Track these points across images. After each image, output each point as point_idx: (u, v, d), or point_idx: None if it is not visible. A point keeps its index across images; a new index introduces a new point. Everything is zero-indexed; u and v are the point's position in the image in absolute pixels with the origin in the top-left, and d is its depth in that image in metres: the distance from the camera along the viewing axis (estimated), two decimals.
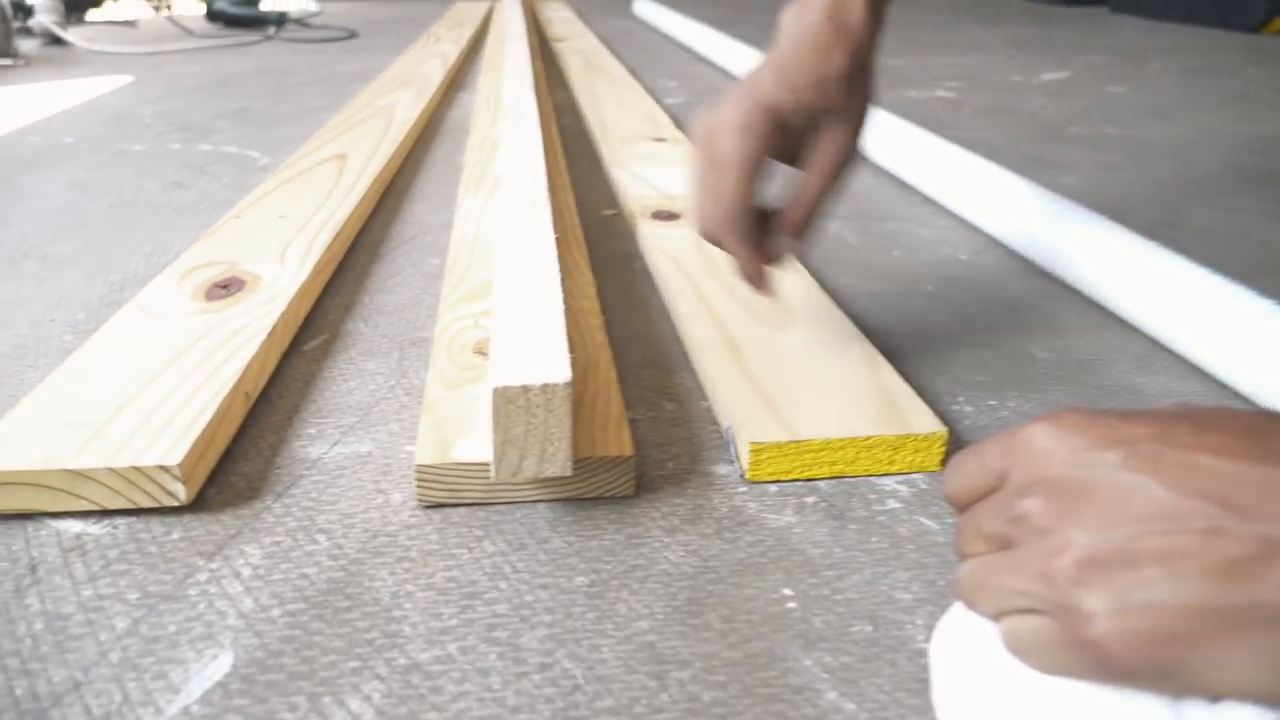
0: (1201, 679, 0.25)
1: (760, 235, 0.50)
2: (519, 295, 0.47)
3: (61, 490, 0.42)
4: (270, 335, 0.54)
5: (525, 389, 0.39)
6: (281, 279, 0.62)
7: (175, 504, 0.43)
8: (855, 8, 0.48)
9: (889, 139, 1.00)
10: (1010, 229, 0.76)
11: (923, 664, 0.35)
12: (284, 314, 0.57)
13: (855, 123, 0.50)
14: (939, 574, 0.40)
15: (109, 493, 0.42)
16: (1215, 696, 0.26)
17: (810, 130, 0.49)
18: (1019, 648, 0.28)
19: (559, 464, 0.40)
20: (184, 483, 0.42)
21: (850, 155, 0.51)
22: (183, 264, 0.65)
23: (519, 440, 0.40)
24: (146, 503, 0.42)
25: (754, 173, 0.49)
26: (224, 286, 0.61)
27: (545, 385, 0.39)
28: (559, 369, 0.40)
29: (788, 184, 0.52)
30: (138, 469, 0.42)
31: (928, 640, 0.36)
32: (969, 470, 0.31)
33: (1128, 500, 0.26)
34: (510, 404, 0.39)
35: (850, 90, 0.49)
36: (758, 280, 0.51)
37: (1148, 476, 0.26)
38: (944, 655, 0.32)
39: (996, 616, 0.29)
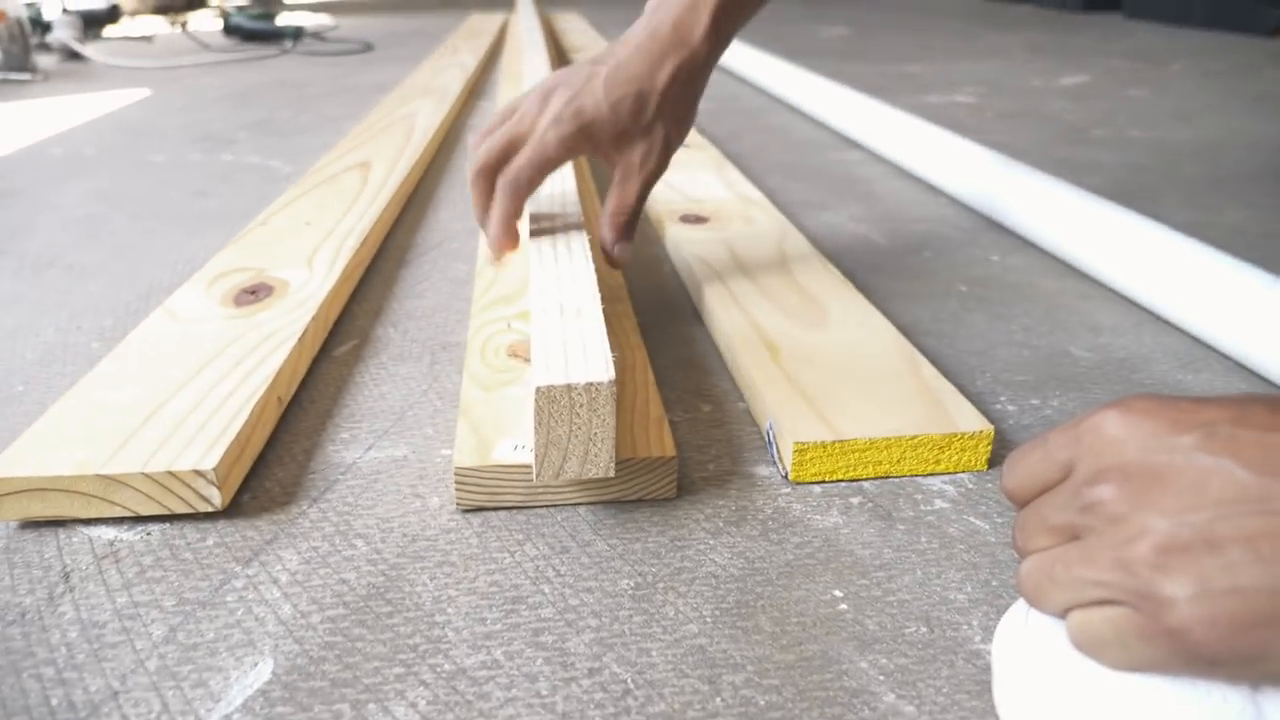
0: None
1: (519, 211, 0.54)
2: (557, 296, 0.46)
3: (95, 496, 0.41)
4: (301, 340, 0.54)
5: (569, 388, 0.38)
6: (310, 284, 0.62)
7: (210, 509, 0.42)
8: (700, 22, 0.52)
9: (912, 141, 1.00)
10: (1041, 228, 0.75)
11: (981, 665, 0.34)
12: (314, 318, 0.57)
13: (665, 141, 0.54)
14: (992, 574, 0.39)
15: (143, 498, 0.41)
16: None
17: (623, 138, 0.53)
18: (1090, 642, 0.27)
19: (602, 465, 0.39)
20: (219, 488, 0.41)
21: (656, 168, 0.55)
22: (210, 270, 0.64)
23: (562, 441, 0.39)
24: (181, 508, 0.42)
25: (548, 168, 0.53)
26: (252, 292, 0.60)
27: (589, 384, 0.38)
28: (602, 367, 0.39)
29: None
30: (172, 474, 0.41)
31: (985, 641, 0.35)
32: (1032, 461, 0.30)
33: (1207, 483, 0.25)
34: (553, 404, 0.38)
35: (667, 108, 0.53)
36: (500, 245, 0.54)
37: (1227, 458, 0.25)
38: (1006, 655, 0.31)
39: (1065, 611, 0.28)
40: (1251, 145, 1.16)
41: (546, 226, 0.57)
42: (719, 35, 0.53)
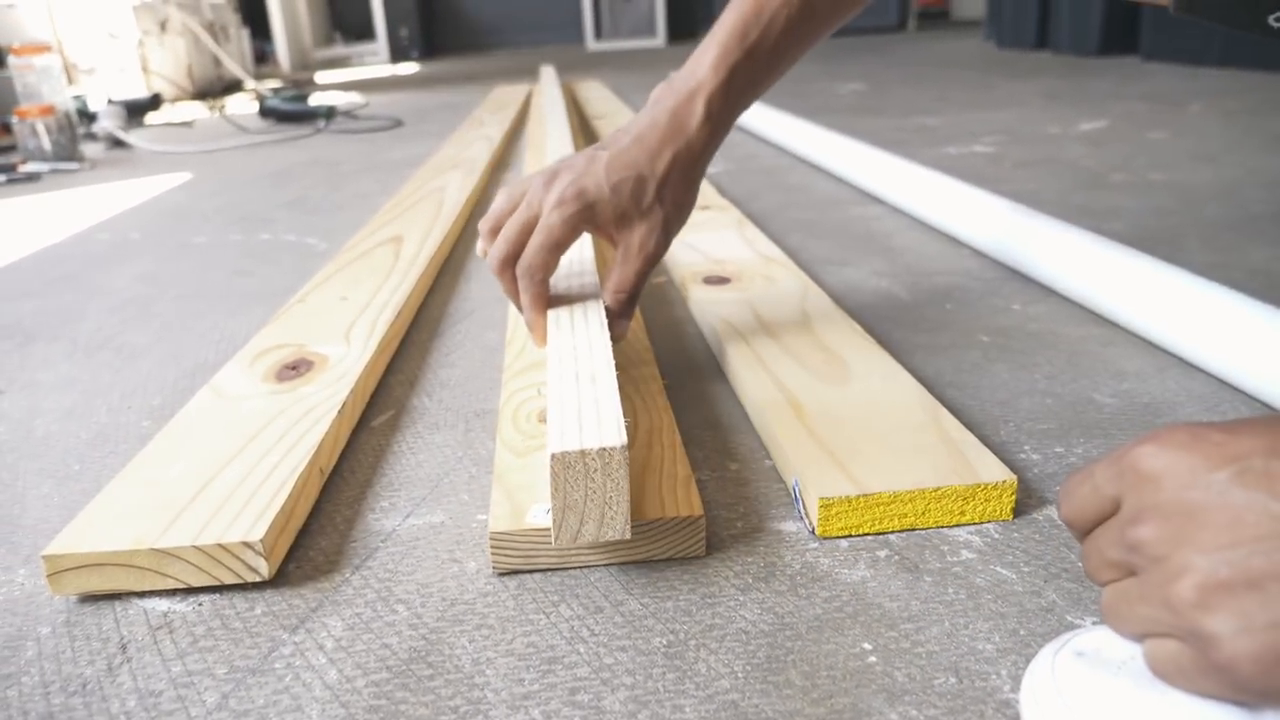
0: None
1: (546, 292, 0.57)
2: (572, 364, 0.48)
3: (149, 569, 0.43)
4: (340, 412, 0.56)
5: (583, 454, 0.39)
6: (348, 358, 0.64)
7: (257, 579, 0.44)
8: (695, 113, 0.56)
9: (931, 194, 1.01)
10: (1062, 276, 0.76)
11: (1010, 714, 0.34)
12: (352, 391, 0.59)
13: (664, 225, 0.57)
14: (1020, 623, 0.39)
15: (194, 570, 0.43)
16: None
17: (623, 221, 0.56)
18: (1160, 670, 0.29)
19: (618, 528, 0.41)
20: (266, 558, 0.43)
21: (655, 251, 0.57)
22: (253, 348, 0.67)
23: (578, 505, 0.40)
24: (230, 579, 0.43)
25: (560, 250, 0.55)
26: (293, 367, 0.63)
27: (602, 449, 0.39)
28: (615, 432, 0.40)
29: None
30: (222, 546, 0.43)
31: (1014, 690, 0.35)
32: (1083, 496, 0.31)
33: (1242, 519, 0.26)
34: (569, 469, 0.39)
35: (666, 193, 0.56)
36: (536, 330, 0.57)
37: (1261, 493, 0.26)
38: (1035, 705, 0.32)
39: (1141, 638, 0.30)
40: (1271, 184, 1.16)
41: (564, 292, 0.59)
42: (714, 125, 0.57)
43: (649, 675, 0.37)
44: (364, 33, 5.24)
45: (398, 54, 4.75)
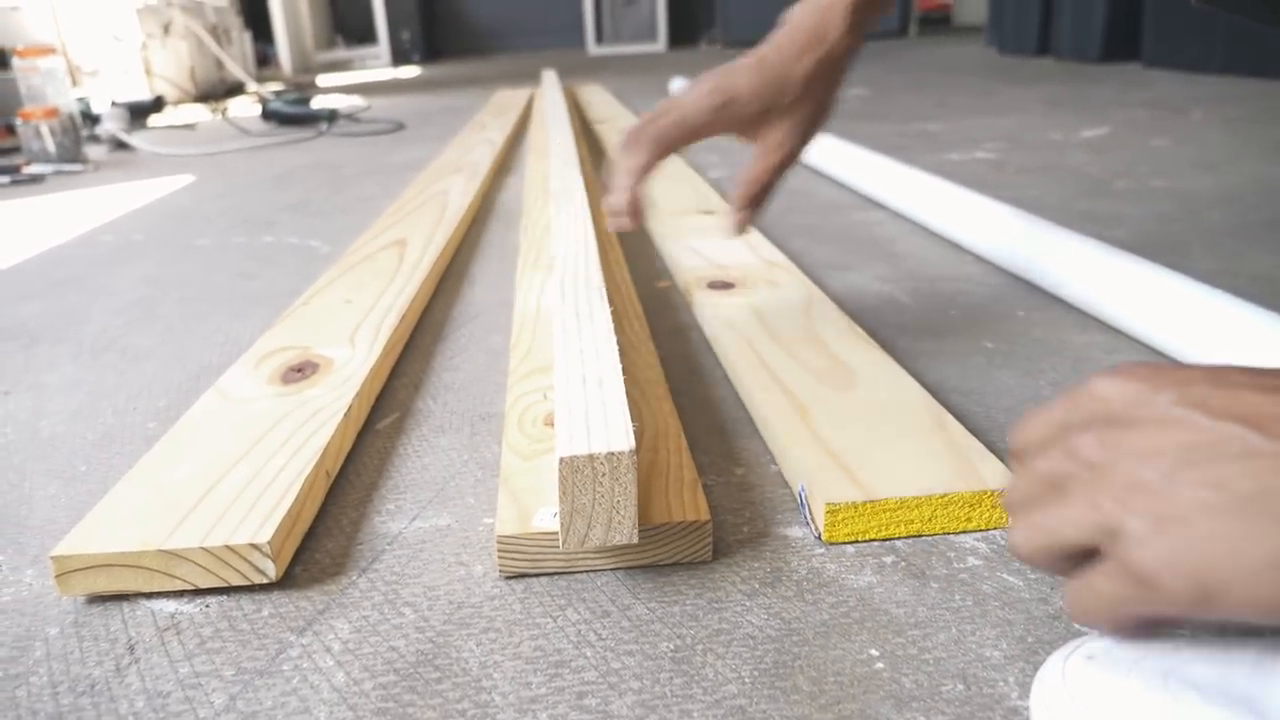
0: (1241, 601, 0.25)
1: (651, 165, 0.58)
2: (579, 368, 0.48)
3: (157, 571, 0.43)
4: (346, 415, 0.56)
5: (591, 458, 0.39)
6: (353, 361, 0.64)
7: (264, 581, 0.44)
8: (836, 23, 0.58)
9: (934, 199, 1.02)
10: (1066, 283, 0.77)
11: None
12: (358, 394, 0.59)
13: (804, 124, 0.59)
14: (1027, 630, 0.39)
15: (202, 572, 0.43)
16: (1257, 620, 0.26)
17: (764, 117, 0.58)
18: (1085, 607, 0.29)
19: (625, 532, 0.41)
20: (273, 560, 0.43)
21: (793, 149, 0.59)
22: (257, 350, 0.67)
23: (586, 509, 0.40)
24: (237, 581, 0.44)
25: (688, 130, 0.57)
26: (299, 370, 0.63)
27: (610, 454, 0.39)
28: (623, 436, 0.40)
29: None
30: (229, 548, 0.43)
31: (1022, 697, 0.35)
32: (1035, 424, 0.33)
33: (1173, 431, 0.28)
34: (577, 473, 0.40)
35: (807, 93, 0.58)
36: (618, 207, 0.58)
37: (1196, 410, 0.28)
38: (1043, 711, 0.32)
39: (1048, 559, 0.30)
40: (1273, 192, 1.16)
41: (570, 290, 0.60)
42: (854, 33, 0.59)
43: (656, 680, 0.37)
44: (366, 36, 5.25)
45: (399, 57, 4.76)
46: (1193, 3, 0.61)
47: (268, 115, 2.46)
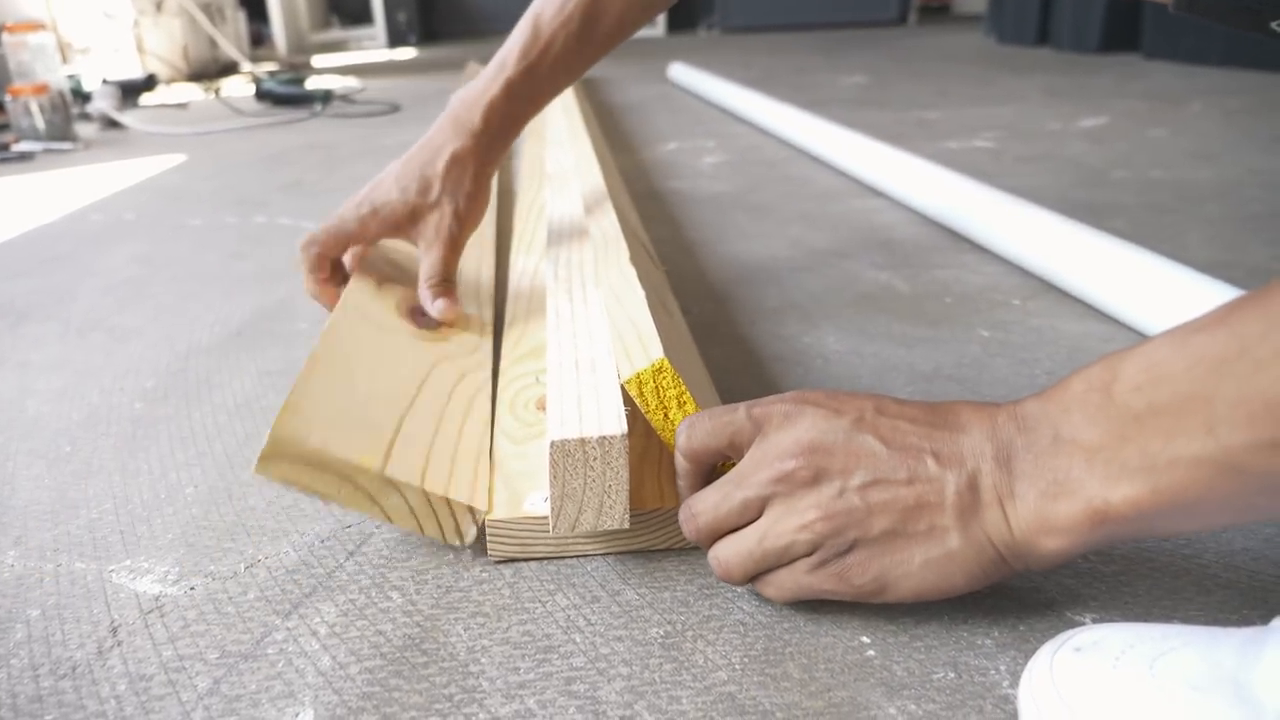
0: (898, 590, 0.36)
1: (330, 273, 0.65)
2: (572, 352, 0.48)
3: (365, 491, 0.41)
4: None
5: (582, 442, 0.39)
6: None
7: (457, 544, 0.43)
8: (474, 120, 0.62)
9: (932, 187, 1.01)
10: (1063, 271, 0.76)
11: (1009, 710, 0.34)
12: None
13: (456, 213, 0.62)
14: (1018, 619, 0.39)
15: (406, 512, 0.41)
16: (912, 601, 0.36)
17: (416, 215, 0.62)
18: (780, 584, 0.38)
19: (617, 517, 0.40)
20: (478, 527, 0.43)
21: (455, 238, 0.63)
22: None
23: (577, 494, 0.40)
24: (432, 533, 0.42)
25: (342, 238, 0.63)
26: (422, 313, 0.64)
27: (602, 438, 0.39)
28: (615, 421, 0.40)
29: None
30: (447, 500, 0.42)
31: (1013, 686, 0.35)
32: (715, 429, 0.39)
33: (858, 452, 0.36)
34: (568, 457, 0.39)
35: (454, 186, 0.62)
36: (314, 295, 0.65)
37: (869, 435, 0.36)
38: (1034, 700, 0.32)
39: (757, 568, 0.38)
40: (1271, 184, 1.16)
41: (564, 273, 0.59)
42: (493, 132, 0.63)
43: (645, 665, 0.37)
44: (361, 17, 5.20)
45: (395, 39, 4.72)
46: (1171, 10, 0.60)
47: (261, 95, 2.43)
